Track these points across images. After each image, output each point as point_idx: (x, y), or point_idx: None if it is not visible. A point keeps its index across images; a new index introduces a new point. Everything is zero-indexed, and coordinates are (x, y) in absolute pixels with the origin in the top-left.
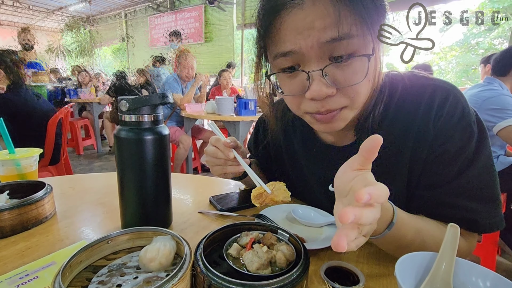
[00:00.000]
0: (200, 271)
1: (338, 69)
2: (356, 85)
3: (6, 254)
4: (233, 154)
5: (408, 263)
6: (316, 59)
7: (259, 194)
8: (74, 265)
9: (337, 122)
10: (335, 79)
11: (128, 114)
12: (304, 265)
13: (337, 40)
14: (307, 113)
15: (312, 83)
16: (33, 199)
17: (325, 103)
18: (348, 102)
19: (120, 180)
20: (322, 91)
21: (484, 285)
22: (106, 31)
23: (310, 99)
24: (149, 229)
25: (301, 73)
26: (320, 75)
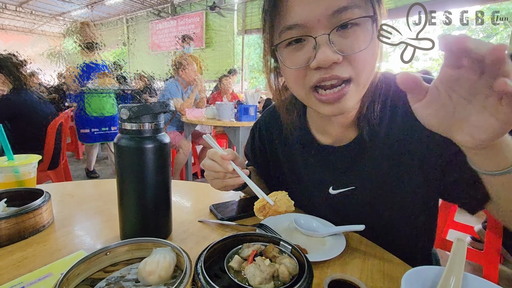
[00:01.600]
0: (201, 286)
1: (343, 36)
2: (361, 52)
3: (1, 264)
4: (231, 167)
5: (414, 277)
6: (322, 29)
7: (262, 207)
8: (71, 278)
9: (344, 101)
10: (341, 46)
11: (129, 123)
12: (308, 280)
13: (344, 9)
14: (312, 91)
15: (318, 50)
16: (30, 208)
17: (330, 70)
18: (354, 73)
19: (120, 189)
20: (329, 57)
21: None
22: (108, 36)
23: (316, 67)
24: (148, 240)
25: (306, 45)
26: (327, 41)
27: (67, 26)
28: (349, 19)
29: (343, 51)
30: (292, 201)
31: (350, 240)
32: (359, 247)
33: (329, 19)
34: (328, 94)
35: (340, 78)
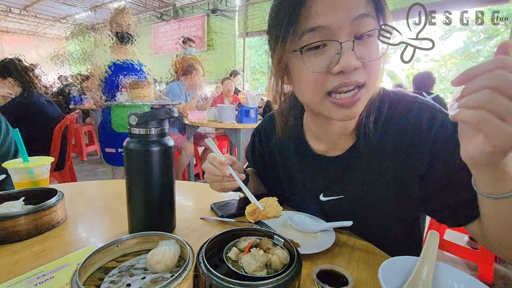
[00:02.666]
0: (202, 272)
1: (361, 45)
2: (375, 61)
3: (23, 256)
4: (229, 171)
5: (391, 266)
6: (345, 35)
7: (253, 211)
8: (88, 266)
9: (357, 105)
10: (360, 54)
11: (136, 128)
12: (296, 268)
13: (364, 16)
14: (328, 96)
15: (342, 55)
16: (46, 205)
17: (350, 75)
18: (367, 78)
19: (128, 188)
20: (352, 63)
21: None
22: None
23: (339, 72)
24: (155, 234)
25: (328, 50)
26: (351, 48)
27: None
28: (369, 29)
29: (362, 58)
30: (280, 207)
31: (340, 236)
32: (348, 242)
33: (351, 25)
34: (345, 99)
35: (358, 83)
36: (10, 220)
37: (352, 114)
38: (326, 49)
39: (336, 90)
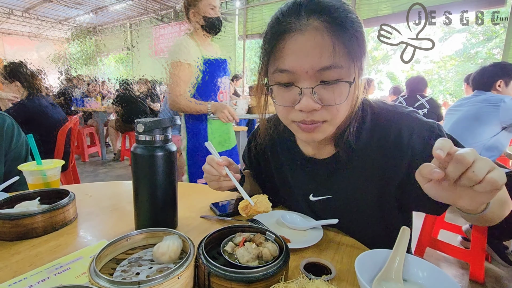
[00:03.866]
0: (201, 262)
1: (325, 90)
2: (338, 105)
3: (41, 250)
4: (225, 171)
5: (367, 258)
6: (308, 80)
7: (245, 206)
8: (102, 257)
9: (317, 133)
10: (322, 97)
11: (143, 135)
12: (284, 259)
13: (328, 68)
14: (294, 122)
15: (303, 97)
16: (60, 205)
17: (310, 114)
18: (329, 117)
19: (135, 189)
20: (310, 105)
21: (422, 275)
22: (111, 41)
23: (299, 110)
24: (160, 230)
25: (293, 89)
26: (310, 92)
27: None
28: (331, 78)
29: (323, 102)
30: (270, 203)
31: (328, 233)
32: (335, 238)
33: (315, 74)
34: (307, 126)
35: (315, 122)
36: (29, 218)
37: (313, 139)
38: (292, 88)
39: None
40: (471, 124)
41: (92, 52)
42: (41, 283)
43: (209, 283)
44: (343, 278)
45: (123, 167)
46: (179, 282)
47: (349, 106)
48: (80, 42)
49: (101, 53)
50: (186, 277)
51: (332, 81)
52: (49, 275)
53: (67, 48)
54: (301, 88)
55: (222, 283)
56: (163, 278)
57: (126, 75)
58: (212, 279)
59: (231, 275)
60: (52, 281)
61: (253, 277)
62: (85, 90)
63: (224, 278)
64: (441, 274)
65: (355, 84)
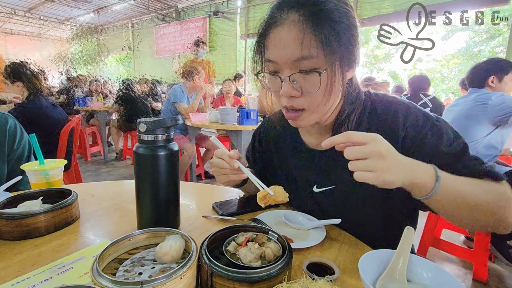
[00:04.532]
0: (204, 262)
1: (303, 78)
2: (312, 93)
3: (44, 249)
4: (237, 164)
5: (371, 258)
6: (288, 69)
7: (264, 196)
8: (104, 257)
9: (300, 121)
10: (300, 85)
11: (145, 134)
12: (287, 259)
13: (304, 58)
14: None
15: (283, 84)
16: (63, 204)
17: (290, 101)
18: (307, 105)
19: (138, 188)
20: (288, 92)
21: (427, 276)
22: (113, 41)
23: (281, 95)
24: (163, 230)
25: (277, 78)
26: (288, 80)
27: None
28: (307, 68)
29: (302, 89)
30: (287, 193)
31: (330, 232)
32: (337, 238)
33: (293, 64)
34: (289, 114)
35: (294, 108)
36: (32, 217)
37: (299, 125)
38: (277, 76)
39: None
40: (465, 124)
41: (94, 52)
42: (44, 282)
43: (211, 283)
44: (346, 278)
45: (125, 166)
46: (182, 282)
47: (329, 95)
48: (82, 42)
49: (102, 53)
50: (189, 277)
51: (308, 70)
52: (52, 275)
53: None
54: (280, 77)
55: (225, 283)
56: (166, 278)
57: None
58: (215, 279)
59: (234, 275)
60: (54, 281)
61: (256, 277)
62: (87, 90)
63: (227, 278)
64: (446, 275)
65: (332, 73)
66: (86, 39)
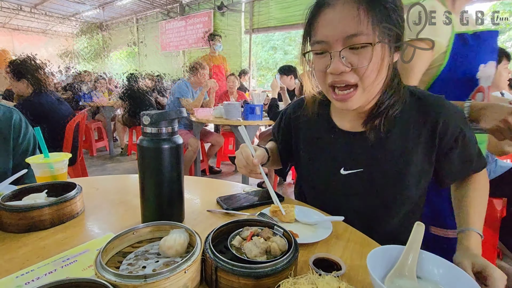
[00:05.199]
0: (208, 257)
1: (352, 54)
2: (363, 67)
3: (48, 242)
4: (260, 170)
5: (379, 254)
6: (338, 47)
7: (275, 211)
8: (108, 250)
9: (350, 101)
10: (350, 61)
11: (149, 127)
12: (293, 254)
13: (354, 35)
14: (330, 87)
15: (332, 61)
16: (67, 197)
17: (341, 76)
18: (358, 80)
19: (141, 182)
20: (338, 67)
21: (438, 272)
22: (118, 36)
23: (330, 73)
24: (167, 223)
25: (326, 56)
26: (338, 56)
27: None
28: (357, 43)
29: (351, 64)
30: (295, 216)
31: (337, 228)
32: (344, 234)
33: (344, 40)
34: (339, 94)
35: (347, 82)
36: (36, 210)
37: (346, 107)
38: (325, 55)
39: (333, 85)
40: None
41: (99, 47)
42: (48, 275)
43: (216, 277)
44: (353, 275)
45: (130, 161)
46: (186, 277)
47: (378, 71)
48: (87, 37)
49: (108, 49)
50: (193, 271)
51: (358, 46)
52: (56, 268)
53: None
54: (330, 53)
55: (230, 278)
56: (170, 272)
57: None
58: (219, 273)
59: (239, 270)
60: (59, 273)
61: (261, 272)
62: (92, 85)
63: (232, 273)
64: (458, 271)
65: (382, 49)
66: (91, 35)
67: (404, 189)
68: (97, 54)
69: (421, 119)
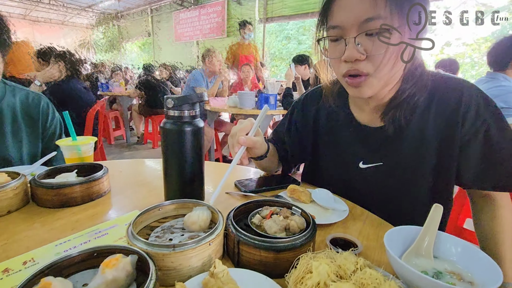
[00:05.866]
0: (231, 231)
1: (368, 40)
2: (378, 55)
3: (80, 217)
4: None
5: (395, 234)
6: (354, 31)
7: (294, 191)
8: (137, 224)
9: (363, 88)
10: (366, 48)
11: (172, 110)
12: (312, 231)
13: (371, 19)
14: (343, 76)
15: (347, 48)
16: (96, 177)
17: (355, 65)
18: (372, 69)
19: (165, 163)
20: (352, 54)
21: (456, 252)
22: (133, 27)
23: (344, 61)
24: (190, 201)
25: (341, 43)
26: (353, 42)
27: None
28: (373, 28)
29: (367, 52)
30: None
31: (353, 211)
32: (360, 217)
33: (360, 25)
34: (353, 80)
35: (361, 72)
36: (69, 187)
37: (359, 94)
38: (340, 41)
39: (347, 74)
40: None
41: (115, 38)
42: (83, 244)
43: (238, 250)
44: (369, 254)
45: (147, 149)
46: (210, 248)
47: (394, 60)
48: (104, 28)
49: (123, 39)
50: (217, 244)
51: (374, 31)
52: (90, 239)
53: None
54: (345, 39)
55: (251, 251)
56: (196, 243)
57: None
58: (241, 247)
59: (261, 244)
60: (92, 243)
61: (281, 246)
62: (109, 75)
63: (254, 247)
64: (476, 251)
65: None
66: (108, 26)
67: (426, 183)
68: (113, 45)
69: (442, 106)
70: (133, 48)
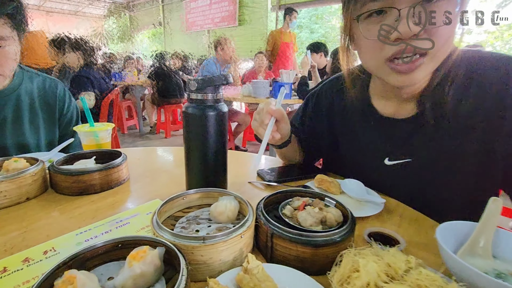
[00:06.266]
0: (263, 223)
1: (427, 9)
2: (440, 28)
3: (100, 205)
4: (268, 121)
5: (449, 229)
6: (405, 1)
7: (322, 181)
8: (161, 213)
9: (416, 73)
10: (423, 19)
11: (195, 93)
12: (351, 226)
13: None
14: (387, 62)
15: (400, 21)
16: (115, 164)
17: (409, 42)
18: (431, 47)
19: (187, 149)
20: (412, 28)
21: None
22: (144, 17)
23: (396, 39)
24: (215, 190)
25: (387, 17)
26: (411, 13)
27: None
28: None
29: (425, 24)
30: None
31: (388, 204)
32: (396, 210)
33: None
34: (403, 64)
35: (418, 51)
36: (88, 174)
37: (409, 81)
38: (385, 16)
39: (395, 56)
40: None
41: (126, 28)
42: (104, 234)
43: (272, 244)
44: (414, 251)
45: (159, 139)
46: (242, 241)
47: (453, 36)
48: (115, 18)
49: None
50: (248, 237)
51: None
52: (111, 228)
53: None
54: (399, 10)
55: (287, 245)
56: (227, 236)
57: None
58: (275, 240)
59: (297, 238)
60: (114, 233)
61: (321, 241)
62: (122, 65)
63: (290, 241)
64: None
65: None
66: (119, 15)
67: (462, 181)
68: (125, 35)
69: (484, 87)
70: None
